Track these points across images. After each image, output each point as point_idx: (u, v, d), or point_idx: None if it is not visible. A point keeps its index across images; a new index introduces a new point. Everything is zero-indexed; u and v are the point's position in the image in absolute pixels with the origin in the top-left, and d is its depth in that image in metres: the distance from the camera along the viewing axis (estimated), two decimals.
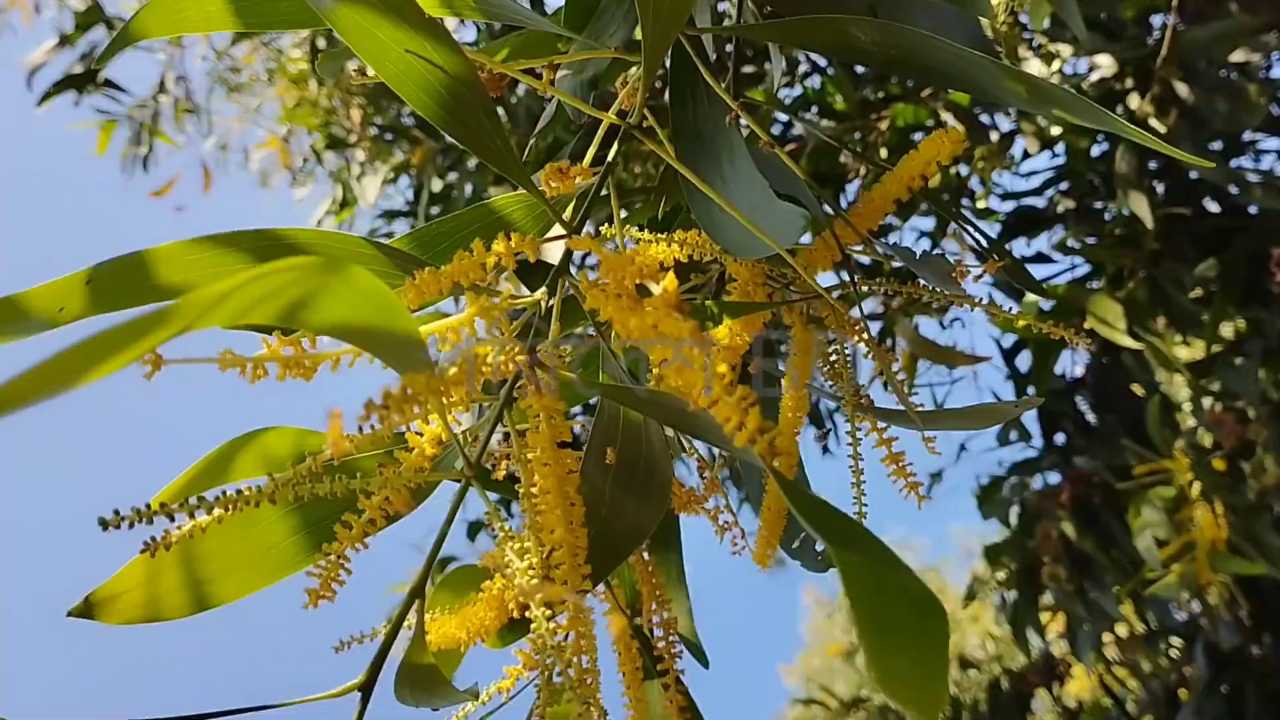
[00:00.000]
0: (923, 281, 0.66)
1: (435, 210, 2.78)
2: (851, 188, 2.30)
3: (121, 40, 0.52)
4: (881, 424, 0.67)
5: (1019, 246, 2.13)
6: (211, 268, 0.51)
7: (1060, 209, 2.03)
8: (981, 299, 0.68)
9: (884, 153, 2.03)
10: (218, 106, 3.63)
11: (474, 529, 2.76)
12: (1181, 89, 1.63)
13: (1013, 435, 2.33)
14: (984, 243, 0.77)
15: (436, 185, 2.79)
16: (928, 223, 2.32)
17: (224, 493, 0.41)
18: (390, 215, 3.04)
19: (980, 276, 0.69)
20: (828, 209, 0.65)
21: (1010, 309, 0.69)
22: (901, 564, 0.37)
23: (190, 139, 3.48)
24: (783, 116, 2.11)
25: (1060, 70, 1.76)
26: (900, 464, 0.66)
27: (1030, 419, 2.30)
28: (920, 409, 0.67)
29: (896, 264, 0.75)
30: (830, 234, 0.64)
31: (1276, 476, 1.83)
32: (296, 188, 3.49)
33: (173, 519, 0.39)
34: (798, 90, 2.11)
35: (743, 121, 0.62)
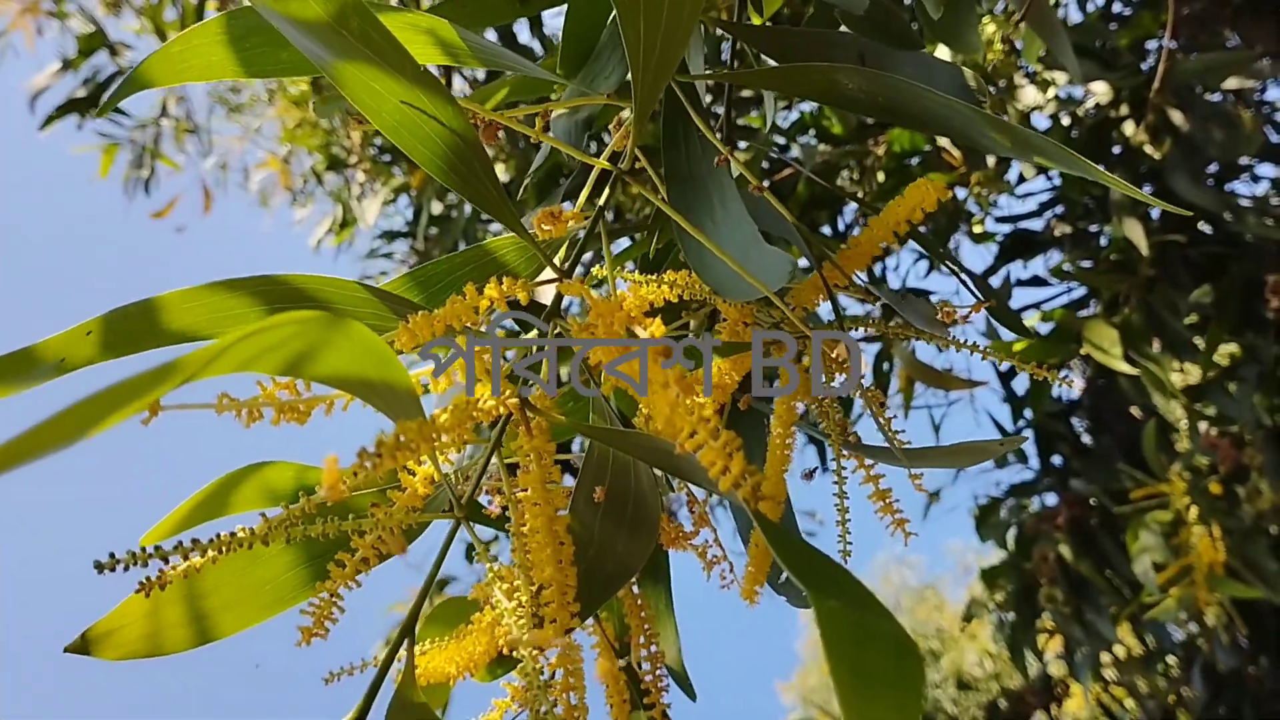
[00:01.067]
0: (906, 321, 0.68)
1: (434, 231, 2.80)
2: (849, 209, 2.32)
3: (127, 89, 0.54)
4: (869, 461, 0.68)
5: (1015, 269, 2.15)
6: (215, 313, 0.53)
7: (1057, 233, 2.04)
8: (966, 339, 0.70)
9: (881, 176, 2.05)
10: (218, 127, 3.66)
11: (470, 551, 2.76)
12: (1176, 116, 1.65)
13: (1010, 457, 2.34)
14: (971, 283, 0.78)
15: (436, 208, 2.81)
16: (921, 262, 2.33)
17: (218, 535, 0.42)
18: (390, 236, 3.06)
19: (966, 319, 0.70)
20: (808, 255, 0.67)
21: (1005, 335, 0.70)
22: (880, 607, 0.38)
23: (191, 159, 3.50)
24: (780, 139, 2.13)
25: (1055, 97, 1.78)
26: (887, 501, 0.67)
27: (1027, 441, 2.31)
28: (907, 445, 0.68)
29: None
30: (819, 275, 0.66)
31: (1272, 500, 1.84)
32: (296, 208, 3.51)
33: (167, 561, 0.40)
34: (795, 114, 2.13)
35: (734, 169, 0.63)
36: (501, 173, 2.95)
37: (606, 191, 0.61)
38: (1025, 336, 0.78)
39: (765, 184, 0.71)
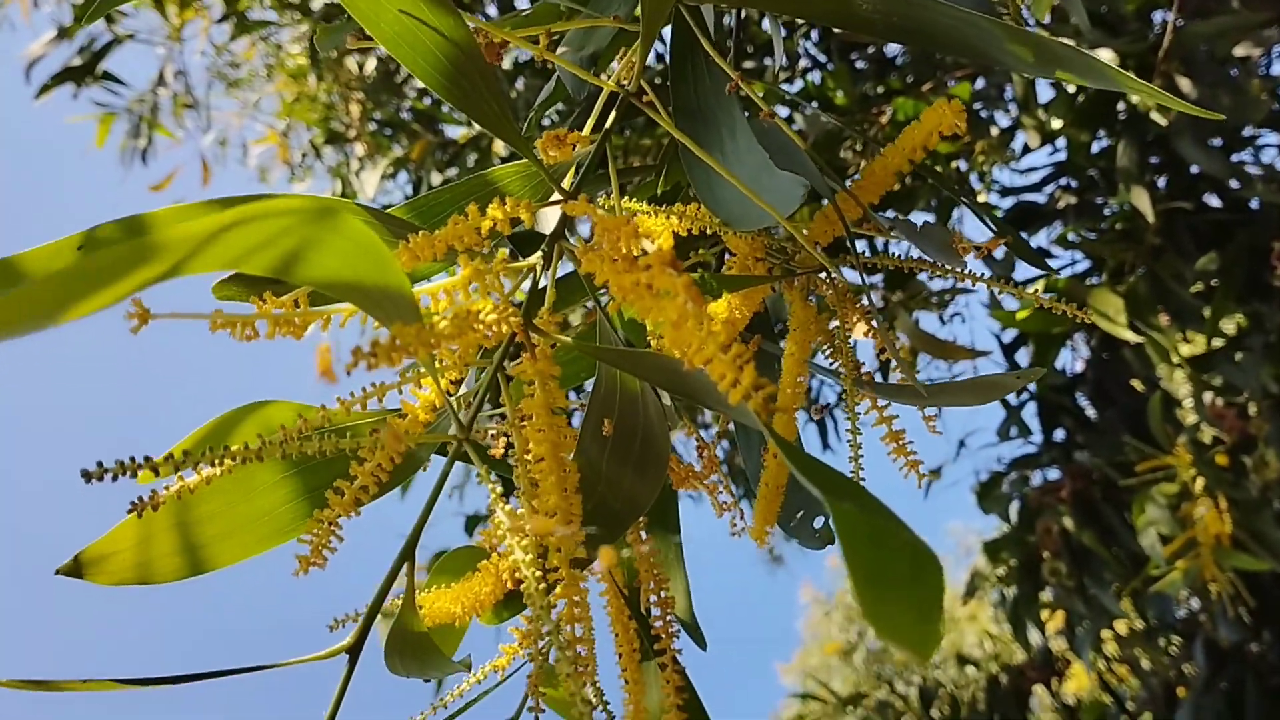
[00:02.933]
0: (922, 255, 0.66)
1: None
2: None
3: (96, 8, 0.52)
4: (882, 402, 0.66)
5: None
6: (212, 232, 0.51)
7: (1061, 204, 2.02)
8: (983, 274, 0.68)
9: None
10: (217, 101, 3.63)
11: (471, 523, 2.75)
12: (1183, 83, 1.63)
13: (1012, 431, 2.32)
14: (990, 224, 0.77)
15: (436, 179, 2.79)
16: (929, 218, 2.31)
17: (210, 448, 0.40)
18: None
19: (984, 251, 0.68)
20: (830, 182, 0.65)
21: (1010, 301, 0.68)
22: (896, 518, 0.37)
23: (189, 133, 3.48)
24: (783, 109, 2.10)
25: None
26: (900, 442, 0.65)
27: (1030, 414, 2.30)
28: (923, 383, 0.67)
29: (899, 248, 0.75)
30: (833, 206, 0.64)
31: (1278, 471, 1.82)
32: (295, 182, 3.48)
33: (157, 473, 0.38)
34: (799, 84, 2.11)
35: (744, 94, 0.61)
36: None
37: (613, 115, 0.59)
38: (1046, 271, 0.77)
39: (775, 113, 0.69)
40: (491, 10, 2.81)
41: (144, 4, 2.98)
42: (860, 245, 0.71)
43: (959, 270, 0.64)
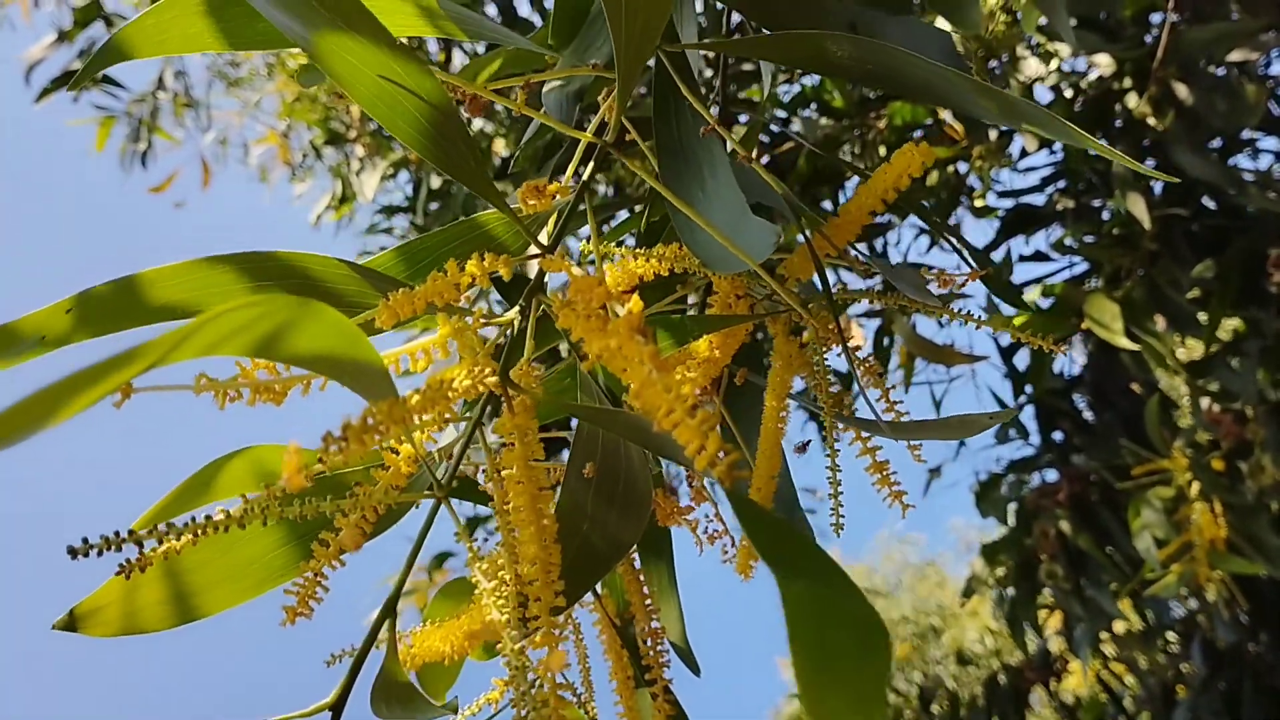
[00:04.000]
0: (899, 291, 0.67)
1: (434, 206, 2.79)
2: (851, 185, 2.30)
3: (102, 59, 0.53)
4: (865, 434, 0.67)
5: (1018, 244, 2.14)
6: (198, 289, 0.52)
7: (1059, 207, 2.02)
8: (963, 308, 0.69)
9: (883, 150, 2.02)
10: (217, 101, 3.64)
11: (472, 524, 2.77)
12: (1180, 89, 1.62)
13: (1011, 433, 2.33)
14: (967, 253, 0.77)
15: (435, 181, 2.80)
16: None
17: (193, 519, 0.41)
18: (390, 210, 3.04)
19: (963, 286, 0.69)
20: (803, 223, 0.66)
21: (1005, 310, 0.69)
22: (849, 587, 0.37)
23: (189, 134, 3.48)
24: (781, 113, 2.11)
25: (1058, 69, 1.75)
26: (885, 473, 0.66)
27: (1028, 416, 2.30)
28: (903, 416, 0.68)
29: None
30: (807, 247, 0.65)
31: (1274, 476, 1.83)
32: (295, 183, 3.49)
33: (142, 545, 0.39)
34: (796, 88, 2.11)
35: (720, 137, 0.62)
36: (501, 147, 2.93)
37: (591, 165, 0.60)
38: (1021, 309, 0.78)
39: (761, 157, 0.70)
40: (490, 9, 2.81)
41: (142, 4, 2.99)
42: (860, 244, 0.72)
43: (936, 307, 0.65)
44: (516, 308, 0.53)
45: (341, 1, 0.46)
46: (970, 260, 0.73)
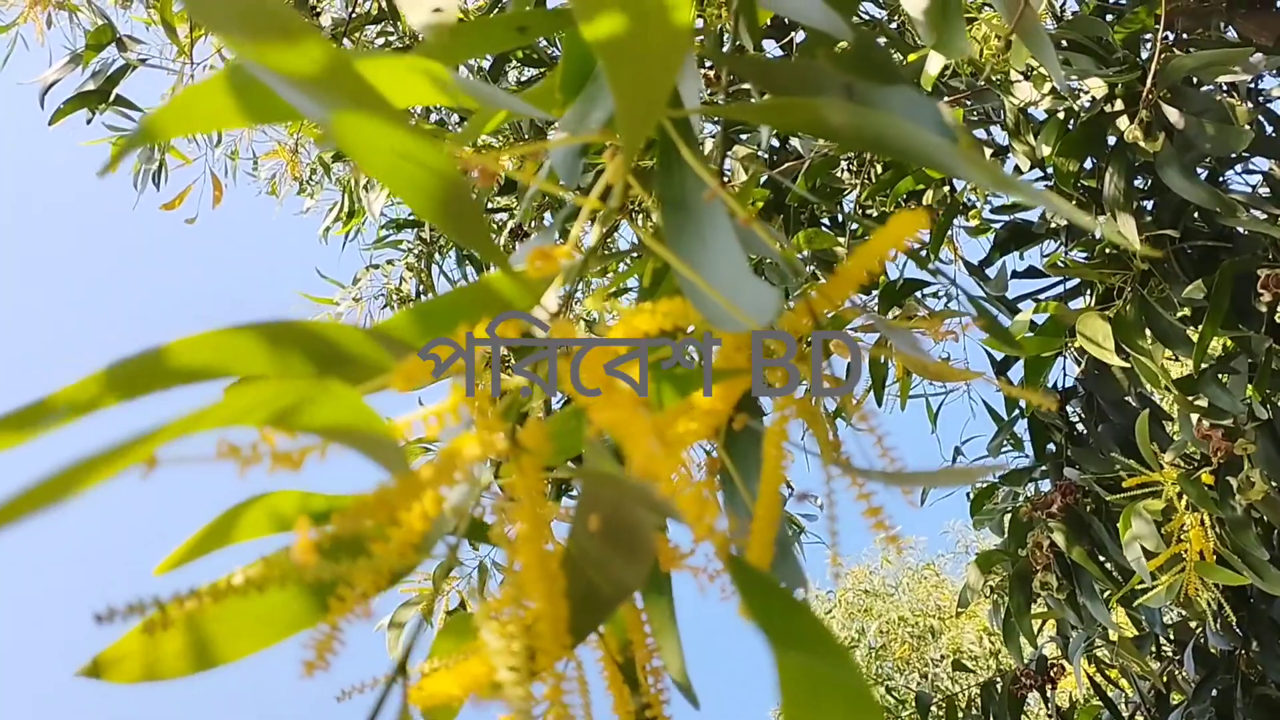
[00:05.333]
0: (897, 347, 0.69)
1: None
2: (848, 201, 2.33)
3: (135, 142, 0.55)
4: (860, 480, 0.70)
5: (1012, 260, 2.16)
6: (223, 356, 0.54)
7: (1053, 224, 2.05)
8: (947, 355, 0.71)
9: (879, 168, 2.05)
10: None
11: (483, 572, 2.78)
12: (1171, 113, 1.65)
13: (1005, 444, 2.35)
14: (963, 293, 0.80)
15: None
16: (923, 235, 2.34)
17: (215, 583, 0.44)
18: (398, 225, 3.07)
19: (955, 337, 0.72)
20: (798, 277, 0.68)
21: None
22: (845, 660, 0.40)
23: (200, 149, 3.50)
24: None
25: (1051, 91, 1.78)
26: (879, 518, 0.69)
27: (1021, 428, 2.33)
28: (895, 465, 0.70)
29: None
30: (805, 305, 0.67)
31: (1264, 491, 1.86)
32: (304, 197, 3.52)
33: (164, 610, 0.42)
34: None
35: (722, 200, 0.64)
36: (509, 200, 2.96)
37: (596, 229, 0.62)
38: (1014, 350, 0.80)
39: (762, 176, 0.72)
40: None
41: (155, 25, 3.01)
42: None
43: (929, 363, 0.68)
44: (526, 369, 0.56)
45: (356, 87, 0.49)
46: (966, 296, 0.76)
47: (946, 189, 2.07)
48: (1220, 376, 1.82)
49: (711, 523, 0.43)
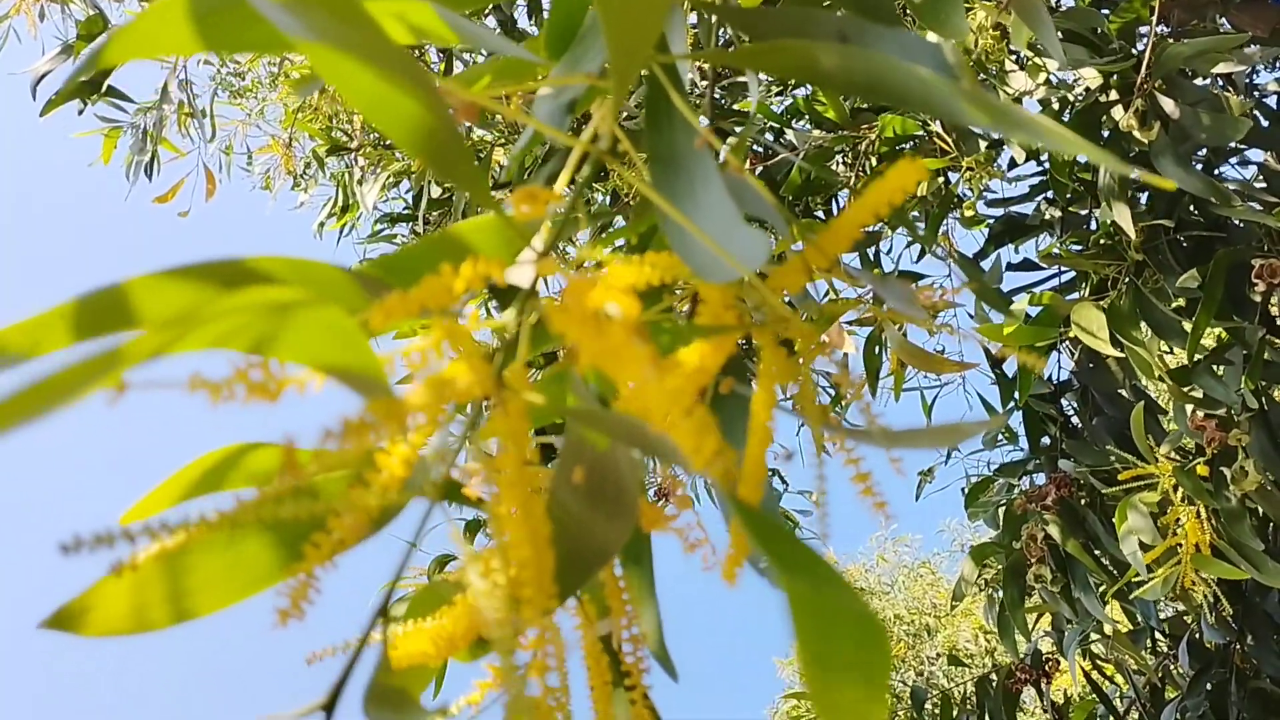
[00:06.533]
0: (888, 304, 0.68)
1: (435, 214, 2.80)
2: (843, 195, 2.32)
3: (91, 65, 0.53)
4: (850, 444, 0.68)
5: (1007, 253, 2.15)
6: (192, 295, 0.53)
7: (1047, 216, 2.04)
8: (954, 315, 0.70)
9: (874, 161, 2.04)
10: (221, 110, 3.64)
11: (472, 527, 2.77)
12: (1165, 102, 1.64)
13: (1000, 437, 2.34)
14: (957, 264, 0.79)
15: (436, 190, 2.81)
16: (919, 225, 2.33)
17: (187, 519, 0.42)
18: (392, 219, 3.06)
19: (948, 301, 0.70)
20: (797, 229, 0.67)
21: (995, 318, 0.70)
22: (847, 588, 0.39)
23: (194, 143, 3.48)
24: (774, 124, 2.12)
25: (1046, 81, 1.77)
26: (868, 484, 0.67)
27: (1015, 421, 2.32)
28: (886, 428, 0.69)
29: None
30: (800, 258, 0.66)
31: (1257, 482, 1.85)
32: (298, 191, 3.51)
33: (134, 542, 0.40)
34: (789, 100, 2.13)
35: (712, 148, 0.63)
36: (501, 156, 2.94)
37: (586, 169, 0.61)
38: (1009, 315, 0.79)
39: (755, 169, 0.71)
40: (490, 21, 2.82)
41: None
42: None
43: (922, 319, 0.66)
44: (510, 313, 0.54)
45: (344, 10, 0.47)
46: (960, 269, 0.75)
47: (941, 180, 2.06)
48: (1214, 367, 1.81)
49: (711, 452, 0.42)
